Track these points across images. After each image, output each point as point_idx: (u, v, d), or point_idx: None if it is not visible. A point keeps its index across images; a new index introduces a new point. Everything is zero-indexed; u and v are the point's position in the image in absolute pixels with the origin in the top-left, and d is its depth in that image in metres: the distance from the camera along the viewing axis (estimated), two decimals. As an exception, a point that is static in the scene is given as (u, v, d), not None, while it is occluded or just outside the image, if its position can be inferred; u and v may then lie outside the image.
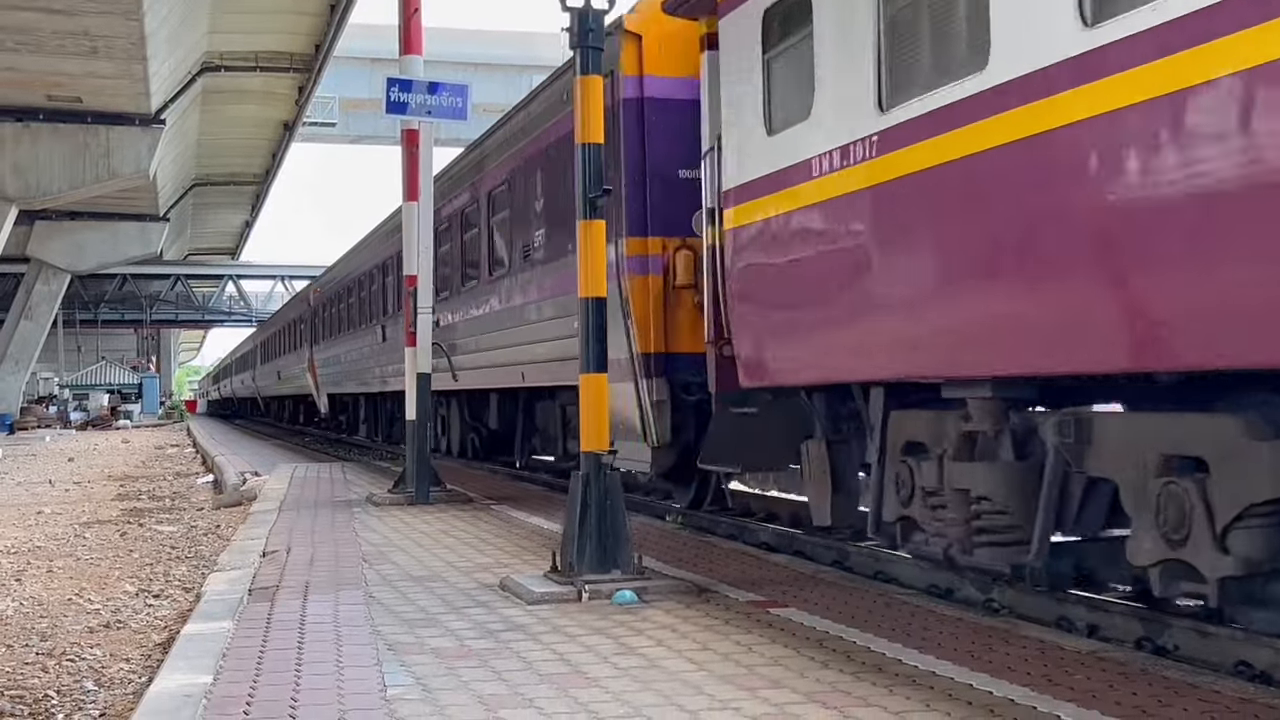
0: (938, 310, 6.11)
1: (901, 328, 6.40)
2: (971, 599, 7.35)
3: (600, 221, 7.11)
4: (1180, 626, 6.05)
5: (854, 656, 5.07)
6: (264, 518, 11.09)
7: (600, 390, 7.09)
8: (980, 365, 5.92)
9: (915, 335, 6.31)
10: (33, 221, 46.05)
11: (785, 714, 4.22)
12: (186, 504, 16.52)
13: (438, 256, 16.12)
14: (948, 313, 6.05)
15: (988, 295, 5.81)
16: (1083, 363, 5.32)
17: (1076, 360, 5.33)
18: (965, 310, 5.94)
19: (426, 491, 12.32)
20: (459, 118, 12.56)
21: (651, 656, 5.13)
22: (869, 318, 6.74)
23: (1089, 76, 5.00)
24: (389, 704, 4.43)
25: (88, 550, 11.32)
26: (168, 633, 7.04)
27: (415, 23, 13.04)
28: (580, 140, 7.12)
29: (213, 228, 66.03)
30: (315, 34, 32.86)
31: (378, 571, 7.65)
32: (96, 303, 69.99)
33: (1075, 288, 5.17)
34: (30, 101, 32.16)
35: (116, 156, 33.79)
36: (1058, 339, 5.33)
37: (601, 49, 7.11)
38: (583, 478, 6.92)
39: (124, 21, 25.57)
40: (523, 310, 13.72)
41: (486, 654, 5.25)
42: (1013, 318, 5.62)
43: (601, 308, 7.11)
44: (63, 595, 8.68)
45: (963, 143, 5.76)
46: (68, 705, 5.65)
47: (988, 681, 4.60)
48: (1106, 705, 4.23)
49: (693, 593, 6.62)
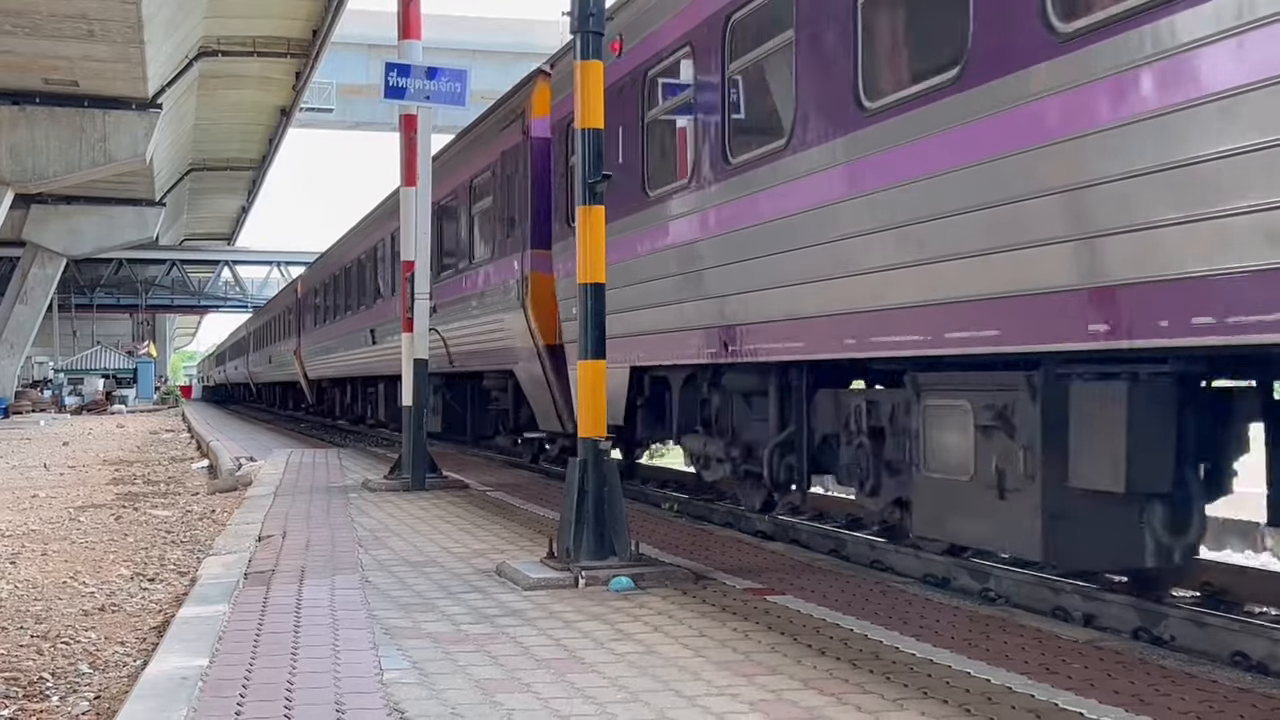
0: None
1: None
2: (968, 588, 7.36)
3: (600, 207, 7.08)
4: (1177, 616, 6.07)
5: (850, 644, 5.06)
6: (259, 503, 11.07)
7: (599, 376, 7.07)
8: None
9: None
10: (29, 205, 46.01)
11: (781, 700, 4.21)
12: (182, 489, 16.50)
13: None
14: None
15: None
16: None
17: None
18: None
19: (423, 477, 12.31)
20: (458, 103, 12.51)
21: (648, 642, 5.13)
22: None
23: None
24: (385, 687, 4.42)
25: (83, 534, 11.30)
26: (163, 616, 7.03)
27: (414, 7, 12.98)
28: (580, 125, 7.09)
29: (209, 213, 65.98)
30: (313, 19, 32.79)
31: (374, 556, 7.64)
32: (92, 287, 69.97)
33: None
34: (27, 85, 32.09)
35: (113, 141, 33.74)
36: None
37: (603, 33, 7.08)
38: (580, 464, 6.91)
39: (121, 5, 25.52)
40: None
41: (483, 639, 5.24)
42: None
43: (600, 293, 7.09)
44: (58, 579, 8.67)
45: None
46: (63, 688, 5.63)
47: (984, 669, 4.59)
48: (1103, 694, 4.23)
49: (689, 579, 6.62)
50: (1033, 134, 5.40)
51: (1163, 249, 4.75)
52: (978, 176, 5.76)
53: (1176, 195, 4.66)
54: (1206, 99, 4.51)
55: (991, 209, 5.69)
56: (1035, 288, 5.46)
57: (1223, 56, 4.44)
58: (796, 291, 7.59)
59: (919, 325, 6.34)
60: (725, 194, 8.56)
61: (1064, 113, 5.21)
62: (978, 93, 5.74)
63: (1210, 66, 4.50)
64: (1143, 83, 4.80)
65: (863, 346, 6.92)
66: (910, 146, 6.30)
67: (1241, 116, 4.37)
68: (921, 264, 6.25)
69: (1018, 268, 5.54)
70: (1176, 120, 4.64)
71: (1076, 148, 5.15)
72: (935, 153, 6.07)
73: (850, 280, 6.96)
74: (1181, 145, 4.62)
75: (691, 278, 9.13)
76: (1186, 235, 4.63)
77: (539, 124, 13.29)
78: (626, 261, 9.99)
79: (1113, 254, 5.01)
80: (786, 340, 7.81)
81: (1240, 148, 4.38)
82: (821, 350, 7.46)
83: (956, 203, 5.91)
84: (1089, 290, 5.15)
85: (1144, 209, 4.81)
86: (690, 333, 9.23)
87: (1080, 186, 5.13)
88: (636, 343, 10.24)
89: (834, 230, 7.08)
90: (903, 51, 6.88)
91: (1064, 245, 5.26)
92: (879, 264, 6.65)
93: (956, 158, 5.90)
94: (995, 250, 5.70)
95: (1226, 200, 4.46)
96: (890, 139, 6.48)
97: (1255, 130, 4.31)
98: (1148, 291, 4.84)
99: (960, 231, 5.91)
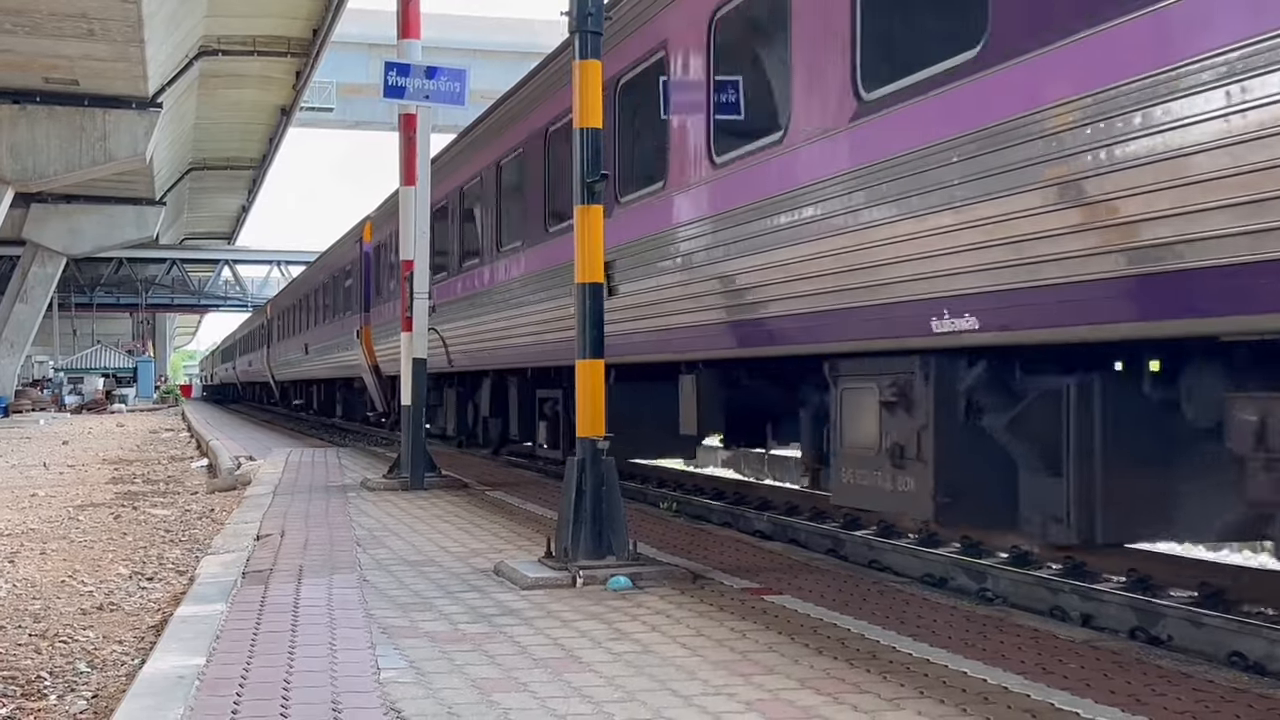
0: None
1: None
2: (965, 588, 7.37)
3: (598, 206, 7.09)
4: (1174, 616, 6.08)
5: (848, 643, 5.07)
6: (258, 502, 11.08)
7: (597, 376, 7.08)
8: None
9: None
10: (29, 204, 45.97)
11: (779, 699, 4.21)
12: (181, 488, 16.50)
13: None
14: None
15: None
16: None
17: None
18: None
19: (421, 477, 12.31)
20: (457, 103, 12.50)
21: (645, 642, 5.13)
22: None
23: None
24: (382, 686, 4.43)
25: (81, 533, 11.30)
26: (161, 615, 7.03)
27: (413, 7, 12.98)
28: (578, 125, 7.09)
29: (209, 212, 65.95)
30: (313, 18, 32.78)
31: (372, 556, 7.65)
32: (92, 286, 69.90)
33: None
34: (27, 84, 32.07)
35: (113, 139, 33.72)
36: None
37: (600, 33, 7.08)
38: (578, 463, 6.91)
39: (121, 4, 25.49)
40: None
41: (480, 638, 5.24)
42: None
43: (598, 293, 7.10)
44: (56, 577, 8.67)
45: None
46: (60, 686, 5.64)
47: (981, 669, 4.60)
48: (1100, 694, 4.23)
49: (687, 579, 6.62)
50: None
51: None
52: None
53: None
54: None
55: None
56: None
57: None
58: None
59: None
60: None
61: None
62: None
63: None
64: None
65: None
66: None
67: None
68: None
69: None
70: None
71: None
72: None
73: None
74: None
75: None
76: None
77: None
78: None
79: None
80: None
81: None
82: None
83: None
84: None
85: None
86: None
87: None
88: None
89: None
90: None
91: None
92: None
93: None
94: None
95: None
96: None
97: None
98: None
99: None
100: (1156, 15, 4.48)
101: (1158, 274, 4.57)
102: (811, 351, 7.34)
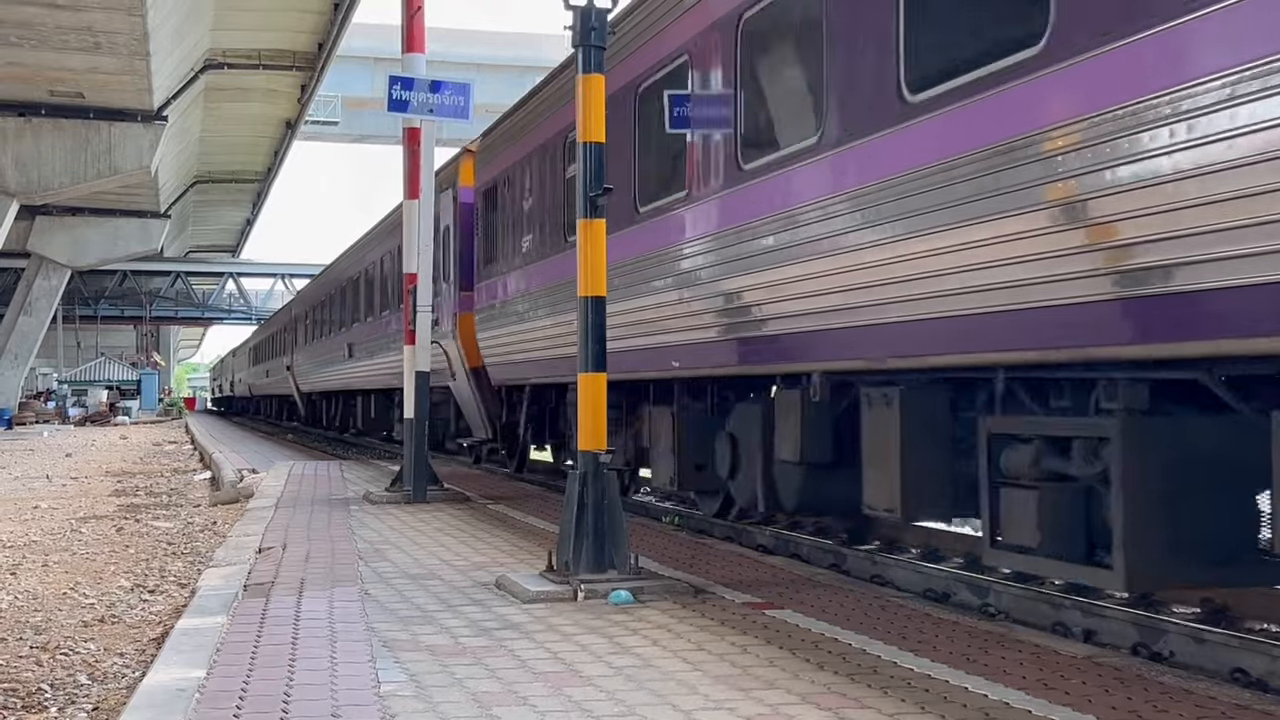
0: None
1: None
2: (967, 603, 7.35)
3: (601, 220, 7.10)
4: (1176, 632, 6.06)
5: (849, 658, 5.06)
6: (260, 514, 11.07)
7: (599, 390, 7.08)
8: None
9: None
10: (34, 216, 46.08)
11: (780, 714, 4.20)
12: (183, 500, 16.51)
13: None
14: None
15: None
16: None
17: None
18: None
19: (424, 490, 12.31)
20: (461, 117, 12.55)
21: (646, 656, 5.12)
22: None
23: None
24: (382, 700, 4.42)
25: (84, 545, 11.31)
26: (162, 628, 7.03)
27: (418, 21, 13.03)
28: (582, 139, 7.10)
29: (214, 225, 66.10)
30: (318, 32, 32.92)
31: (373, 569, 7.64)
32: (96, 298, 70.00)
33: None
34: (32, 96, 32.21)
35: (118, 152, 33.84)
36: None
37: (604, 47, 7.10)
38: (580, 477, 6.90)
39: (127, 17, 25.60)
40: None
41: (481, 652, 5.23)
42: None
43: (601, 306, 7.10)
44: (58, 589, 8.67)
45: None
46: (61, 699, 5.64)
47: (983, 685, 4.59)
48: (1102, 710, 4.22)
49: (688, 593, 6.61)
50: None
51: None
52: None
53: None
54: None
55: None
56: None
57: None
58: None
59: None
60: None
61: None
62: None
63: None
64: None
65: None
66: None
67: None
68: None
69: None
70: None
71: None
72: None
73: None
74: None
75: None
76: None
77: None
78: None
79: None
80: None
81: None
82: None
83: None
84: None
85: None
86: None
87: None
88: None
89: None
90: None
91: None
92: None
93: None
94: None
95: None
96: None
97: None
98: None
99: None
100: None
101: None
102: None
